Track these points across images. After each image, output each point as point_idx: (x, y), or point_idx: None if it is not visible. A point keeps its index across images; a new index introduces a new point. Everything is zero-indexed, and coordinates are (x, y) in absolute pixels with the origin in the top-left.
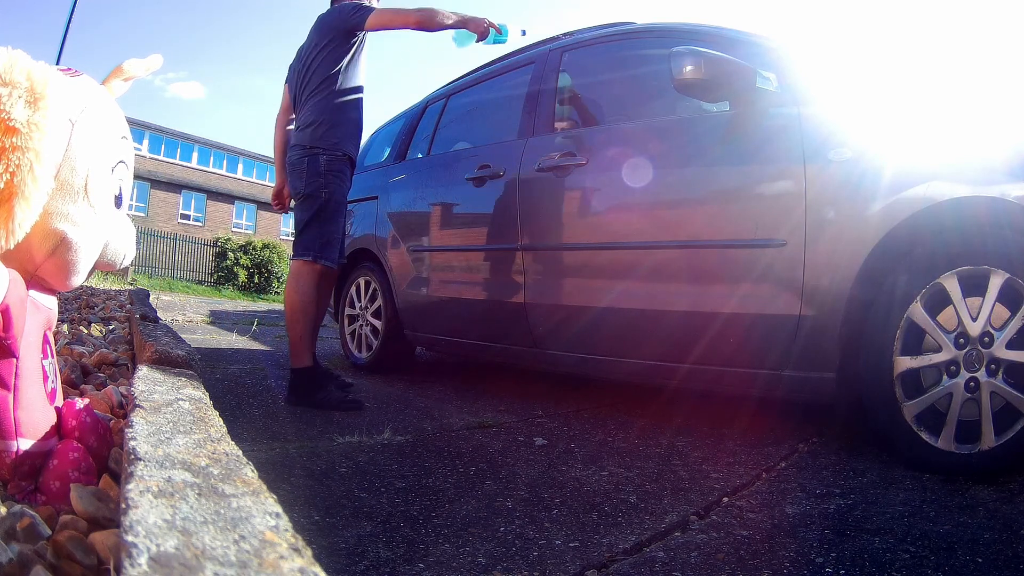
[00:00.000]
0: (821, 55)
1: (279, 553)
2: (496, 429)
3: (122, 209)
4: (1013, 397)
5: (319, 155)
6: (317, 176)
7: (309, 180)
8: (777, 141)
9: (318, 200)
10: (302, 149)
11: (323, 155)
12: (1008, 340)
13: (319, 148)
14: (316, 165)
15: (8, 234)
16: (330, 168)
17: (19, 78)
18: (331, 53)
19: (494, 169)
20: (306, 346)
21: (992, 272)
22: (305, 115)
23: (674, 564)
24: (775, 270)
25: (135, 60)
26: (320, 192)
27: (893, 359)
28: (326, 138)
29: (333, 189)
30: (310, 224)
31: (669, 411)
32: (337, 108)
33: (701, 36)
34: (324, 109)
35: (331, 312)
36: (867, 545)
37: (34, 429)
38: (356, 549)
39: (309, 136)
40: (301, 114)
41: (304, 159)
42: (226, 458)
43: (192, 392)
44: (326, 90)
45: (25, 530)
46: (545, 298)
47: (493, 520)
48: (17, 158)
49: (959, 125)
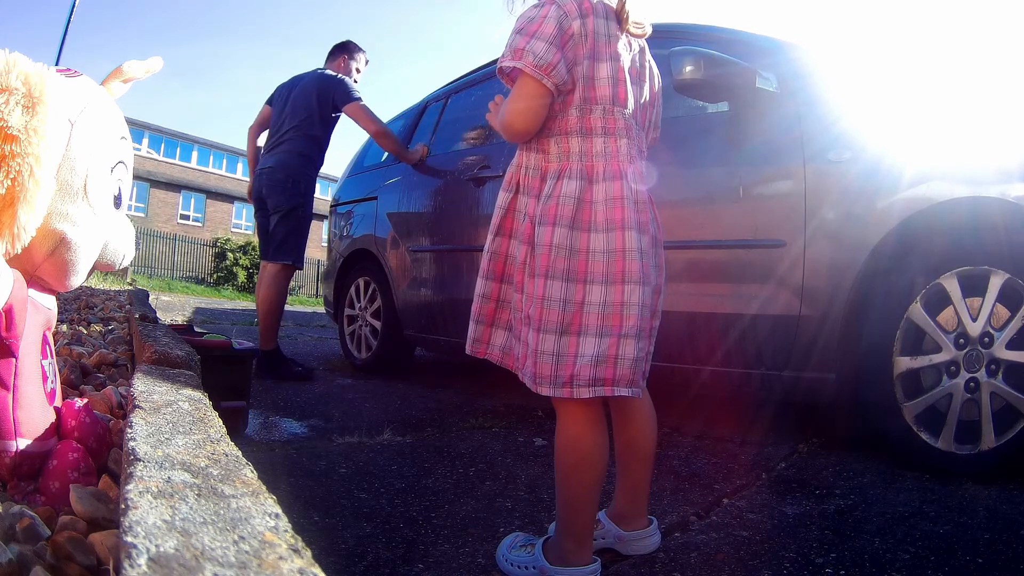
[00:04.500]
0: (821, 55)
1: (279, 554)
2: (496, 429)
3: (121, 209)
4: (1013, 397)
5: (300, 179)
6: (298, 195)
7: (291, 197)
8: (777, 141)
9: (297, 214)
10: (287, 170)
11: (303, 178)
12: (1008, 340)
13: (301, 172)
14: (298, 186)
15: (14, 238)
16: (308, 188)
17: (16, 83)
18: (321, 106)
19: (494, 169)
20: (274, 333)
21: (992, 272)
22: (291, 143)
23: (674, 564)
24: (775, 270)
25: (135, 61)
26: (299, 208)
27: (893, 359)
28: (307, 166)
29: (308, 205)
30: (291, 234)
31: (668, 411)
32: (316, 143)
33: (701, 36)
34: (308, 143)
35: (331, 312)
36: (867, 545)
37: (33, 429)
38: (356, 550)
39: (295, 160)
40: (287, 140)
41: (288, 179)
42: (226, 459)
43: (192, 392)
44: (309, 129)
45: (24, 531)
46: None
47: (493, 520)
48: (17, 164)
49: (959, 125)
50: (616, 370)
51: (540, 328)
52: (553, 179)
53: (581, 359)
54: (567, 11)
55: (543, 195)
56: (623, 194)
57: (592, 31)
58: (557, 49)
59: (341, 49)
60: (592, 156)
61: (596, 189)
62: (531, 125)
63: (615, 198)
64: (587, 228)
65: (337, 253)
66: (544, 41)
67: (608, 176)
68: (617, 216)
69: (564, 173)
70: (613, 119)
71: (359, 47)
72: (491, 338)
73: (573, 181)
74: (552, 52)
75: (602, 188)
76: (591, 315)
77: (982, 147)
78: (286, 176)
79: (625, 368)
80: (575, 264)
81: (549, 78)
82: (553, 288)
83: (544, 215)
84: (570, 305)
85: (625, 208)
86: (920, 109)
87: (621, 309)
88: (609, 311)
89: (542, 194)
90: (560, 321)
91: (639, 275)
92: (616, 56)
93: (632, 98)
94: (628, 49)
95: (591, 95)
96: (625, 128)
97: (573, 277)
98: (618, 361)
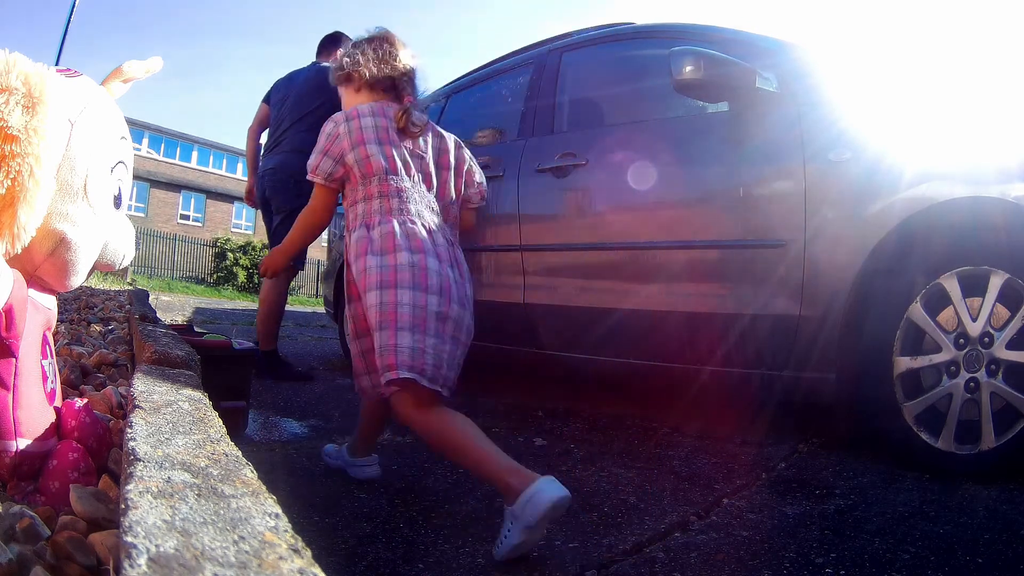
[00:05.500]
0: (822, 55)
1: (279, 554)
2: (496, 429)
3: (121, 209)
4: (1013, 397)
5: (302, 178)
6: (301, 195)
7: (294, 198)
8: (777, 141)
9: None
10: (289, 169)
11: (305, 177)
12: (1008, 340)
13: (302, 171)
14: (300, 187)
15: (14, 238)
16: (311, 187)
17: (16, 83)
18: (323, 99)
19: (494, 169)
20: (274, 333)
21: (992, 272)
22: (292, 140)
23: (674, 565)
24: (775, 270)
25: (135, 61)
26: (302, 209)
27: (893, 359)
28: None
29: None
30: None
31: (669, 411)
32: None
33: (701, 36)
34: (309, 139)
35: (331, 313)
36: (867, 545)
37: (33, 429)
38: (356, 550)
39: (297, 159)
40: (287, 138)
41: (291, 179)
42: (225, 459)
43: (192, 393)
44: (309, 124)
45: (24, 531)
46: (545, 298)
47: (493, 520)
48: (17, 164)
49: (959, 125)
50: (397, 357)
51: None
52: (351, 233)
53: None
54: (336, 119)
55: (347, 246)
56: (394, 231)
57: (358, 127)
58: (322, 154)
59: (333, 42)
60: (370, 213)
61: (374, 232)
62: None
63: (388, 234)
64: (365, 254)
65: (337, 253)
66: (319, 154)
67: (382, 223)
68: (389, 244)
69: (354, 228)
70: (387, 184)
71: (349, 38)
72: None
73: (359, 231)
74: (322, 158)
75: (378, 230)
76: (371, 314)
77: (982, 147)
78: (288, 176)
79: (404, 356)
80: (367, 280)
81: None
82: (371, 297)
83: (348, 256)
84: (379, 307)
85: (396, 239)
86: (920, 109)
87: (395, 308)
88: (386, 309)
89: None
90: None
91: (410, 282)
92: (387, 141)
93: (411, 167)
94: (416, 137)
95: (367, 171)
96: (397, 190)
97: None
98: (397, 349)
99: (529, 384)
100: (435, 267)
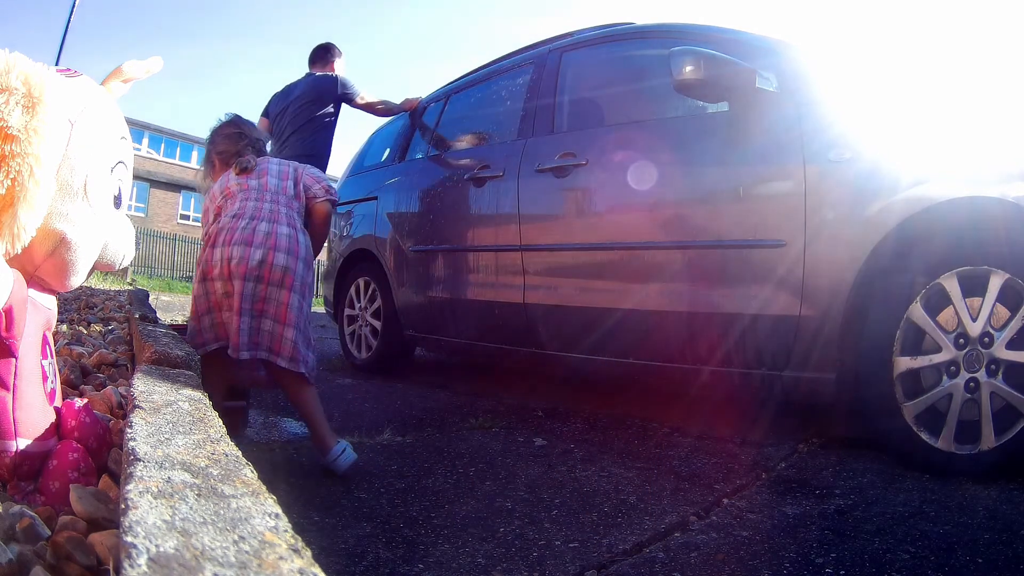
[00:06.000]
0: (821, 55)
1: (279, 554)
2: (496, 429)
3: (121, 209)
4: (1013, 397)
5: None
6: None
7: None
8: (777, 141)
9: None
10: None
11: None
12: (1008, 340)
13: None
14: None
15: (14, 238)
16: None
17: (16, 83)
18: (322, 108)
19: (494, 169)
20: None
21: (992, 272)
22: (294, 147)
23: (674, 564)
24: (775, 270)
25: (135, 61)
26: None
27: (893, 359)
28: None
29: None
30: None
31: (669, 411)
32: (318, 144)
33: (701, 36)
34: (311, 145)
35: (331, 312)
36: (867, 545)
37: (33, 429)
38: (356, 550)
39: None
40: (289, 145)
41: None
42: (225, 459)
43: (192, 393)
44: (311, 131)
45: (24, 531)
46: (545, 298)
47: (493, 520)
48: (17, 164)
49: (959, 126)
50: (203, 336)
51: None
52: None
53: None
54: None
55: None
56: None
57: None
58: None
59: (326, 52)
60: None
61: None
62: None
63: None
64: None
65: (337, 253)
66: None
67: (220, 243)
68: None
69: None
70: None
71: (338, 48)
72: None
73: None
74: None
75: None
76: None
77: (982, 147)
78: None
79: (207, 334)
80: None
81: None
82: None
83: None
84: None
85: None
86: (920, 109)
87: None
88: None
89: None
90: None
91: (217, 275)
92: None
93: (247, 201)
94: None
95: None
96: (235, 215)
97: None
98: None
99: (529, 384)
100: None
